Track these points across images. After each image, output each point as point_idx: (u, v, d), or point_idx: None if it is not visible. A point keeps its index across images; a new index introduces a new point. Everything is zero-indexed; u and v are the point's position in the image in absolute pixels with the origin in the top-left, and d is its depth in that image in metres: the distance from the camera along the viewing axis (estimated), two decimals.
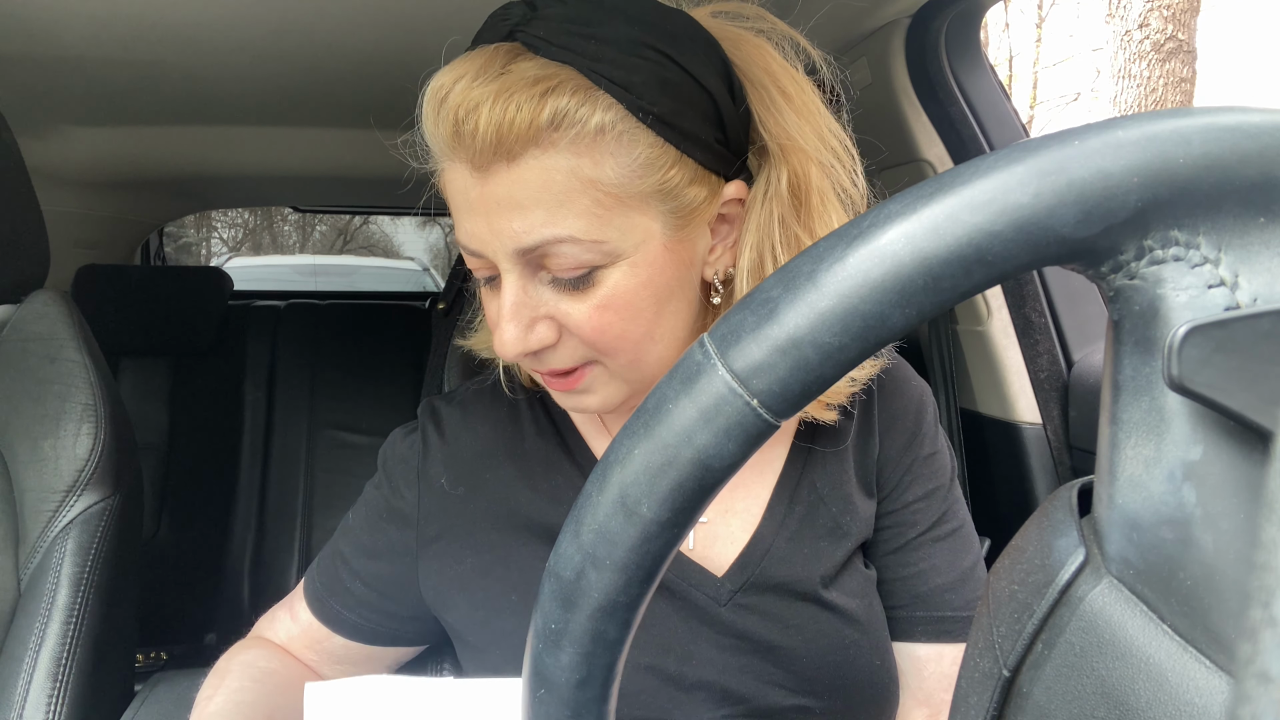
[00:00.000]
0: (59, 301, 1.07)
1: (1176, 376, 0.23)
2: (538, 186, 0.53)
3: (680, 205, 0.57)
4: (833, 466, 0.70)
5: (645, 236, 0.56)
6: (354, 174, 2.10)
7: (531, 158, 0.52)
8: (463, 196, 0.56)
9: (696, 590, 0.66)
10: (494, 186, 0.54)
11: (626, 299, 0.56)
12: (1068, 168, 0.24)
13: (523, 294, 0.57)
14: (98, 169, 1.84)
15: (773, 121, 0.60)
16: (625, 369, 0.60)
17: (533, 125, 0.51)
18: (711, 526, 0.69)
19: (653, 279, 0.57)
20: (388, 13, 1.09)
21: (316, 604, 0.75)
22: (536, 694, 0.30)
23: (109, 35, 1.13)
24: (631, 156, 0.54)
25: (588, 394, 0.61)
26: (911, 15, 1.14)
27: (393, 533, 0.73)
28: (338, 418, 2.13)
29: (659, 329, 0.59)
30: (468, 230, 0.57)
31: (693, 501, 0.27)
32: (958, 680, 0.31)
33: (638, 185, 0.54)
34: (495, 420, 0.74)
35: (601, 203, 0.54)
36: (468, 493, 0.71)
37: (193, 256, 10.54)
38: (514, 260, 0.55)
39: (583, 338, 0.57)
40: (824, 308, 0.25)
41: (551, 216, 0.53)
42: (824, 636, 0.65)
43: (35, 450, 1.00)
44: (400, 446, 0.75)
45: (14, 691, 0.92)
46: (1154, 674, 0.23)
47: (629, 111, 0.53)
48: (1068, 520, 0.28)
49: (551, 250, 0.54)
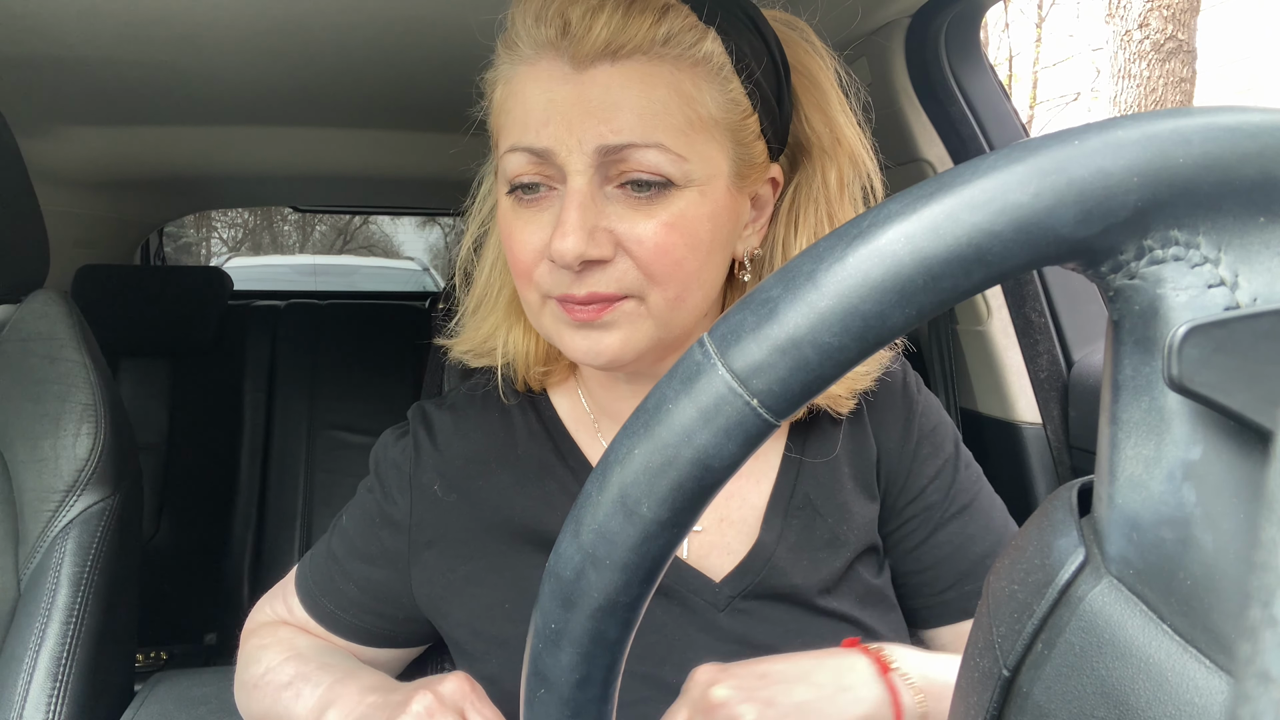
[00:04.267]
0: (59, 301, 1.07)
1: (1176, 376, 0.23)
2: (638, 90, 0.55)
3: (745, 156, 0.60)
4: (825, 477, 0.70)
5: (716, 171, 0.59)
6: (354, 174, 2.10)
7: (637, 63, 0.55)
8: (544, 96, 0.56)
9: (695, 596, 0.66)
10: (589, 86, 0.55)
11: (692, 225, 0.57)
12: (1067, 167, 0.24)
13: (590, 199, 0.56)
14: (98, 169, 1.84)
15: (820, 119, 0.65)
16: (664, 307, 0.59)
17: (647, 35, 0.55)
18: (707, 535, 0.68)
19: (715, 214, 0.59)
20: (387, 12, 1.09)
21: (309, 602, 0.75)
22: (536, 694, 0.30)
23: (109, 35, 1.13)
24: (724, 91, 0.58)
25: (611, 330, 0.59)
26: (911, 15, 1.14)
27: (385, 538, 0.72)
28: (338, 418, 2.13)
29: (706, 272, 0.60)
30: (539, 131, 0.56)
31: (693, 501, 0.27)
32: (958, 680, 0.31)
33: (723, 118, 0.58)
34: (487, 426, 0.73)
35: (692, 122, 0.57)
36: (460, 499, 0.70)
37: (193, 256, 10.53)
38: (591, 160, 0.56)
39: (642, 256, 0.57)
40: (824, 307, 0.25)
41: (645, 121, 0.55)
42: (823, 642, 0.65)
43: (35, 450, 1.00)
44: (392, 451, 0.74)
45: (14, 691, 0.92)
46: (1154, 674, 0.23)
47: (728, 56, 0.58)
48: (1068, 520, 0.28)
49: (635, 155, 0.55)
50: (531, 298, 0.61)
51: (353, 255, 10.64)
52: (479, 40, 0.64)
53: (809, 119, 0.66)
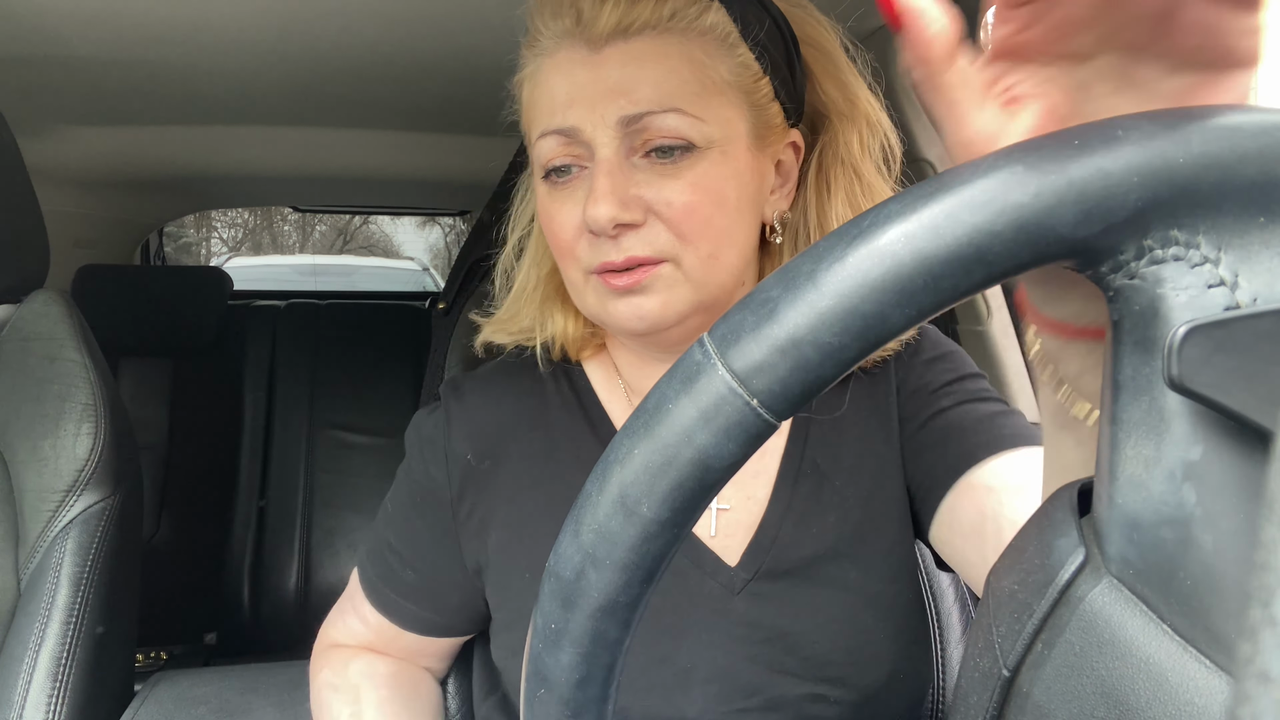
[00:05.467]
0: (59, 301, 1.07)
1: (1176, 376, 0.23)
2: (652, 62, 0.59)
3: (762, 118, 0.63)
4: (831, 438, 0.70)
5: (735, 133, 0.62)
6: (354, 174, 2.10)
7: (648, 38, 0.59)
8: (566, 81, 0.61)
9: (711, 579, 0.66)
10: (606, 66, 0.59)
11: (716, 184, 0.60)
12: (1068, 167, 0.24)
13: (618, 168, 0.60)
14: (98, 169, 1.84)
15: (833, 86, 0.68)
16: (699, 267, 0.61)
17: (655, 13, 0.59)
18: (734, 514, 0.69)
19: (739, 174, 0.62)
20: (388, 12, 1.09)
21: (374, 595, 0.76)
22: (536, 693, 0.30)
23: (109, 35, 1.13)
24: (732, 57, 0.61)
25: (649, 294, 0.61)
26: None
27: (430, 515, 0.73)
28: (337, 417, 2.13)
29: (737, 231, 0.63)
30: (564, 113, 0.60)
31: (693, 501, 0.27)
32: (958, 679, 0.31)
33: (735, 81, 0.62)
34: (518, 392, 0.74)
35: (706, 86, 0.60)
36: (493, 465, 0.71)
37: (193, 256, 10.53)
38: (615, 131, 0.59)
39: (672, 218, 0.60)
40: (824, 307, 0.25)
41: (660, 89, 0.59)
42: (836, 621, 0.65)
43: (35, 450, 1.00)
44: (425, 427, 0.75)
45: (14, 691, 0.92)
46: (1154, 674, 0.23)
47: (733, 25, 0.61)
48: (1068, 520, 0.28)
49: (655, 122, 0.59)
50: (575, 275, 0.64)
51: (353, 255, 10.64)
52: (480, 41, 0.65)
53: (823, 87, 0.69)
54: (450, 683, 0.83)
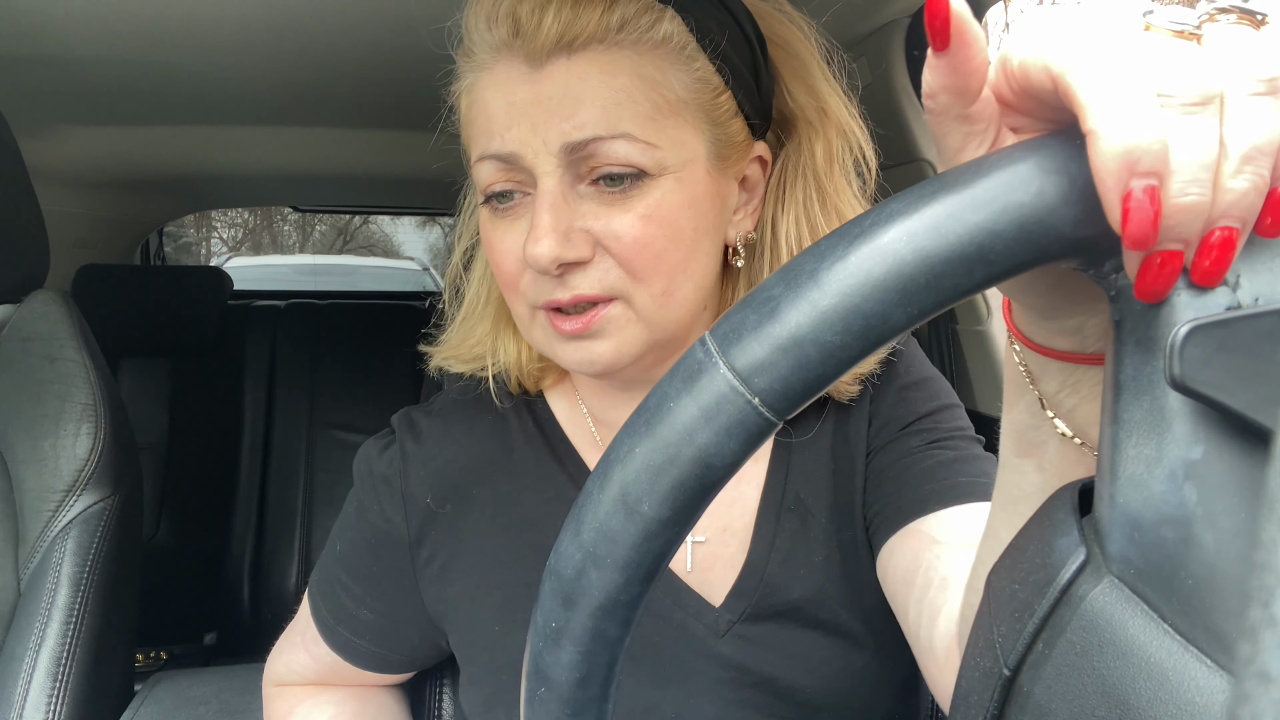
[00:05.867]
0: (59, 301, 1.07)
1: (1178, 376, 0.23)
2: (598, 80, 0.53)
3: (723, 136, 0.58)
4: (812, 470, 0.67)
5: (692, 156, 0.56)
6: (354, 174, 2.10)
7: (595, 53, 0.53)
8: (504, 100, 0.55)
9: (695, 621, 0.63)
10: (548, 84, 0.53)
11: (670, 215, 0.55)
12: (1070, 166, 0.24)
13: (561, 199, 0.54)
14: (98, 169, 1.83)
15: (802, 90, 0.63)
16: (652, 305, 0.56)
17: (600, 24, 0.53)
18: (710, 547, 0.65)
19: (696, 201, 0.56)
20: (387, 12, 1.09)
21: (327, 633, 0.72)
22: (536, 692, 0.30)
23: (109, 35, 1.13)
24: (689, 71, 0.56)
25: (601, 339, 0.57)
26: (911, 15, 1.14)
27: (386, 558, 0.69)
28: (338, 417, 2.13)
29: (694, 263, 0.57)
30: (503, 136, 0.55)
31: (694, 500, 0.27)
32: (958, 679, 0.31)
33: (693, 99, 0.56)
34: (481, 431, 0.69)
35: (659, 107, 0.54)
36: (455, 510, 0.67)
37: (193, 256, 10.54)
38: (559, 159, 0.54)
39: (621, 253, 0.55)
40: (826, 306, 0.25)
41: (608, 112, 0.53)
42: (827, 664, 0.63)
43: (35, 450, 1.00)
44: (378, 464, 0.69)
45: (14, 691, 0.92)
46: (1155, 673, 0.23)
47: (690, 34, 0.55)
48: (1069, 520, 0.28)
49: (602, 149, 0.53)
50: (521, 309, 0.59)
51: (353, 255, 10.63)
52: None
53: (790, 91, 0.63)
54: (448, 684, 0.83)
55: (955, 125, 0.28)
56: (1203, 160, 0.23)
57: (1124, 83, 0.23)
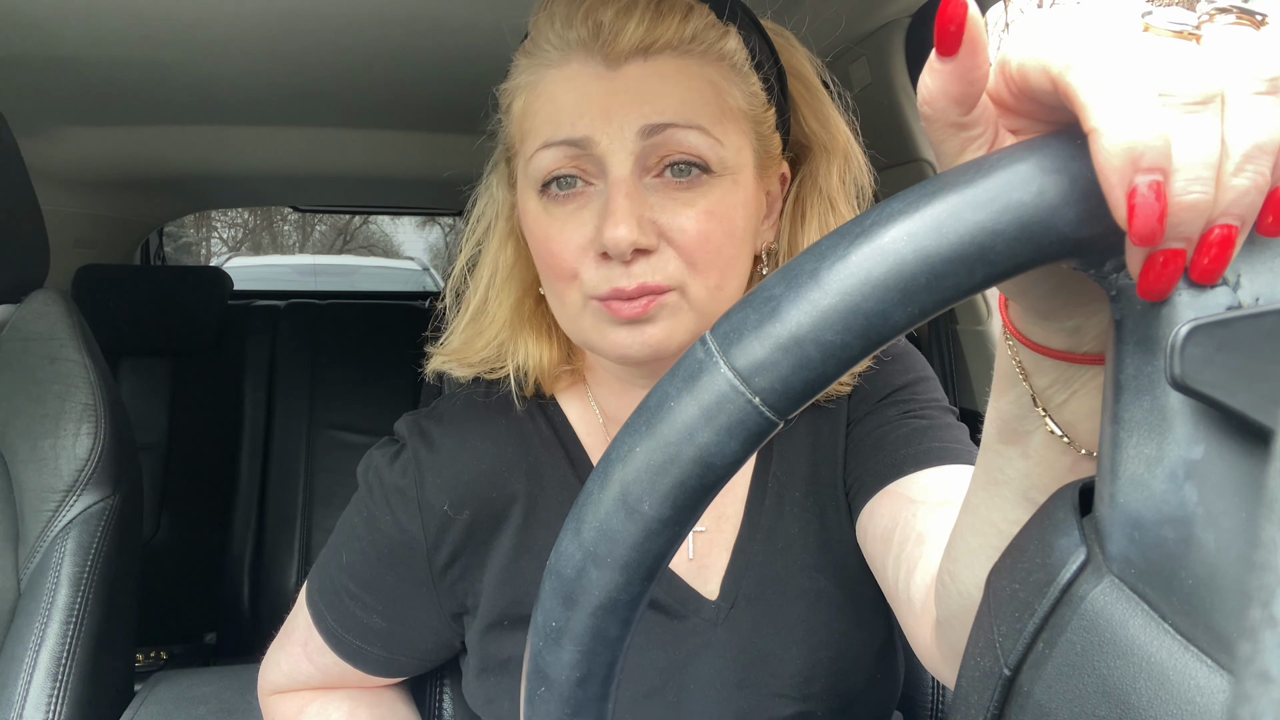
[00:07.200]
0: (59, 301, 1.07)
1: (1179, 375, 0.23)
2: (674, 80, 0.58)
3: (765, 149, 0.63)
4: (788, 450, 0.70)
5: (744, 161, 0.61)
6: (354, 174, 2.10)
7: (669, 57, 0.58)
8: (577, 92, 0.58)
9: (694, 615, 0.66)
10: (624, 80, 0.57)
11: (729, 213, 0.59)
12: (1070, 166, 0.24)
13: (635, 187, 0.57)
14: (98, 169, 1.83)
15: (815, 119, 0.68)
16: (705, 296, 0.59)
17: (677, 34, 0.58)
18: (709, 534, 0.68)
19: (747, 203, 0.61)
20: (387, 12, 1.09)
21: (337, 644, 0.72)
22: (537, 692, 0.30)
23: (109, 35, 1.13)
24: (745, 85, 0.61)
25: (654, 323, 0.59)
26: (911, 15, 1.14)
27: (401, 568, 0.69)
28: (338, 418, 2.13)
29: (741, 260, 0.62)
30: (574, 123, 0.57)
31: (694, 499, 0.27)
32: (958, 679, 0.31)
33: (748, 110, 0.61)
34: (495, 436, 0.70)
35: (725, 111, 0.59)
36: (474, 514, 0.68)
37: (193, 256, 10.53)
38: (633, 145, 0.57)
39: (685, 245, 0.58)
40: (826, 305, 0.25)
41: (685, 104, 0.57)
42: (815, 633, 0.65)
43: (35, 450, 1.00)
44: (390, 474, 0.69)
45: (14, 691, 0.92)
46: (1155, 673, 0.23)
47: (747, 53, 0.61)
48: (1069, 519, 0.28)
49: (676, 136, 0.57)
50: (573, 298, 0.60)
51: (353, 255, 10.63)
52: (480, 41, 0.64)
53: (805, 120, 0.68)
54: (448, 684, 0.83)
55: (951, 132, 0.28)
56: (1205, 158, 0.23)
57: (1125, 81, 0.23)
